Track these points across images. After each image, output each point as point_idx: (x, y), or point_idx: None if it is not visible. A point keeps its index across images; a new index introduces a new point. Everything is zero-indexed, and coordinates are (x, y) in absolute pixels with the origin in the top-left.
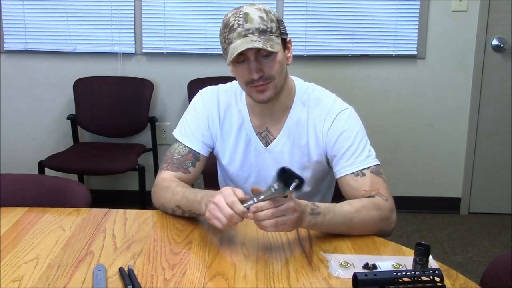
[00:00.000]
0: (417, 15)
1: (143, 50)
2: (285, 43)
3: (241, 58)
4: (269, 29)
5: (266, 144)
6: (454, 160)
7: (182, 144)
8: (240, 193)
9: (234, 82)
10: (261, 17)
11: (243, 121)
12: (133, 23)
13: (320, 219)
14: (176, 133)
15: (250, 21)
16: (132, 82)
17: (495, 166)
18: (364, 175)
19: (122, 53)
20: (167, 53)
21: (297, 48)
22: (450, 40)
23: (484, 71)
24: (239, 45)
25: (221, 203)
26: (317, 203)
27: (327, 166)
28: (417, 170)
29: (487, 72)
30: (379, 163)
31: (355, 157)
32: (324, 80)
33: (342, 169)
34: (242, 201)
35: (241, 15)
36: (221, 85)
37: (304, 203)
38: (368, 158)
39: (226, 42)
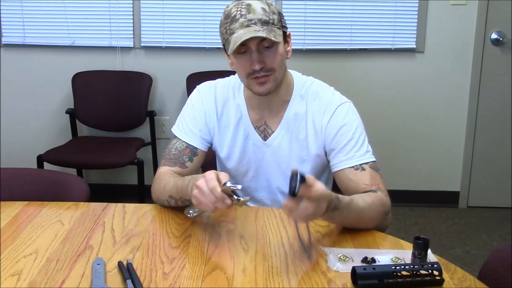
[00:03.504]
0: (416, 8)
1: (142, 44)
2: (285, 37)
3: (243, 49)
4: (271, 21)
5: (265, 138)
6: (453, 154)
7: (180, 139)
8: (224, 176)
9: (232, 76)
10: (263, 9)
11: (241, 116)
12: (132, 17)
13: (337, 214)
14: (174, 129)
15: (252, 11)
16: (130, 76)
17: (493, 160)
18: (363, 169)
19: (121, 47)
20: (166, 47)
21: (296, 42)
22: (449, 33)
23: (483, 65)
24: (242, 35)
25: (203, 188)
26: (340, 197)
27: (326, 159)
28: (416, 164)
29: (486, 66)
30: (375, 159)
31: (355, 151)
32: (323, 74)
33: (340, 163)
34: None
35: (243, 6)
36: (219, 80)
37: (330, 198)
38: (367, 153)
39: (227, 32)
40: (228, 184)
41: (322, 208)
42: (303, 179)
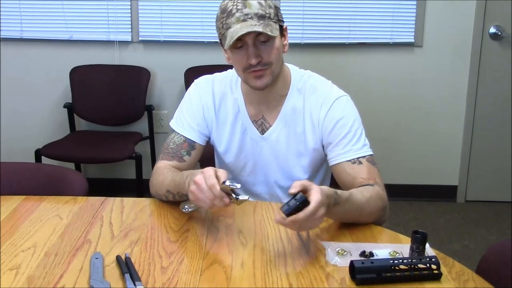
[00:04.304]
0: (415, 2)
1: (140, 38)
2: (281, 31)
3: (239, 43)
4: (267, 15)
5: (262, 132)
6: (451, 148)
7: (178, 133)
8: (223, 174)
9: (229, 71)
10: (259, 3)
11: (239, 110)
12: (130, 11)
13: (337, 209)
14: (172, 123)
15: (249, 6)
16: (128, 70)
17: (491, 154)
18: (360, 163)
19: (119, 41)
20: (164, 41)
21: (294, 36)
22: (447, 28)
23: (482, 59)
24: (238, 29)
25: (202, 185)
26: (339, 192)
27: (324, 153)
28: (414, 158)
29: (485, 60)
30: (373, 153)
31: (352, 144)
32: (321, 68)
33: (338, 156)
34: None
35: (239, 1)
36: (216, 74)
37: (329, 195)
38: (364, 147)
39: (224, 27)
40: (227, 182)
41: (317, 223)
42: (302, 203)
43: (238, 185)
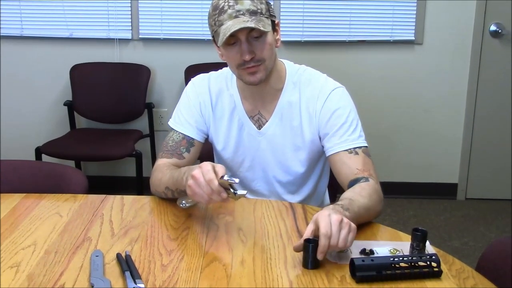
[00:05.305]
0: (415, 0)
1: (140, 36)
2: (273, 26)
3: (232, 40)
4: (259, 10)
5: (259, 127)
6: (451, 146)
7: (177, 131)
8: (221, 169)
9: (225, 68)
10: None
11: (235, 106)
12: (130, 9)
13: (350, 216)
14: (170, 122)
15: (240, 2)
16: (128, 68)
17: (492, 152)
18: (357, 153)
19: (119, 38)
20: (164, 39)
21: (294, 34)
22: (448, 25)
23: (482, 57)
24: (231, 26)
25: (200, 179)
26: (339, 202)
27: (321, 145)
28: (414, 156)
29: (485, 58)
30: (367, 145)
31: (348, 134)
32: (321, 65)
33: (335, 146)
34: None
35: None
36: (212, 72)
37: (329, 207)
38: (360, 138)
39: (216, 24)
40: (226, 177)
41: (347, 231)
42: (313, 245)
43: (237, 180)
